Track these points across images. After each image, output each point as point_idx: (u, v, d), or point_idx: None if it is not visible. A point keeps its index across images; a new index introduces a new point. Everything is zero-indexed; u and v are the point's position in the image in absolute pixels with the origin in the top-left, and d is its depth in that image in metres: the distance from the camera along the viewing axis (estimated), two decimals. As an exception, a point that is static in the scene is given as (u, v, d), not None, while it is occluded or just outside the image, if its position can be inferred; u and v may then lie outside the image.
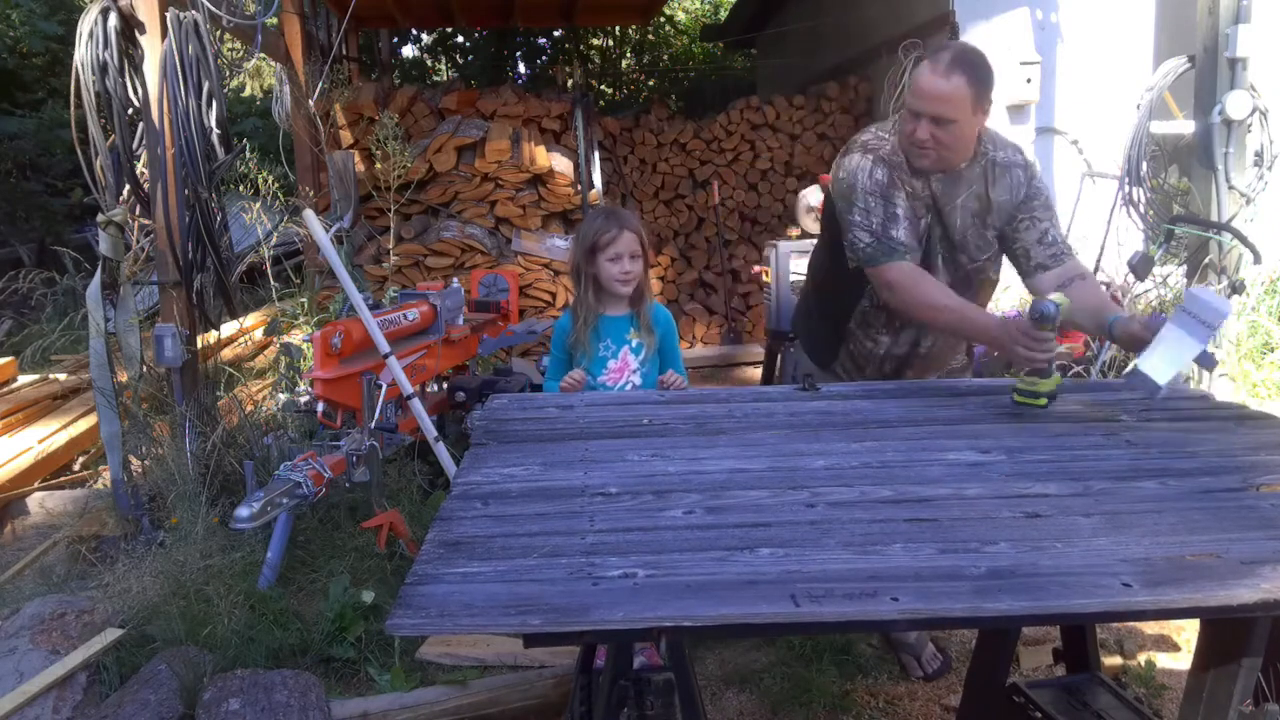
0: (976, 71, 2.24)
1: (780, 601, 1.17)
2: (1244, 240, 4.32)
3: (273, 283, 4.81)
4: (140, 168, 3.76)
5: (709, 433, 1.91)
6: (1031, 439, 1.82)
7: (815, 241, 2.89)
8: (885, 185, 2.34)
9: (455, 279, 4.38)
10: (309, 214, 3.56)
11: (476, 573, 1.28)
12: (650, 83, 14.43)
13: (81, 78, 3.50)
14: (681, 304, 7.45)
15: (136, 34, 3.61)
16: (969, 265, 2.46)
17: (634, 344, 2.56)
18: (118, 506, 3.60)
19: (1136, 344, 2.02)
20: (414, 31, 13.15)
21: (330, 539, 3.38)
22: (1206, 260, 4.48)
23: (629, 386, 2.55)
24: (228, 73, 8.39)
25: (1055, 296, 2.01)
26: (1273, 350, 4.95)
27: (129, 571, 2.98)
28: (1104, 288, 2.42)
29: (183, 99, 3.47)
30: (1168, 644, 2.79)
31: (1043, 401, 1.97)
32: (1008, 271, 2.56)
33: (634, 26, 13.74)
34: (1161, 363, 1.87)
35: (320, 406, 3.16)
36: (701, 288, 7.71)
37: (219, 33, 4.05)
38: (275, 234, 4.82)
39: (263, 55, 5.95)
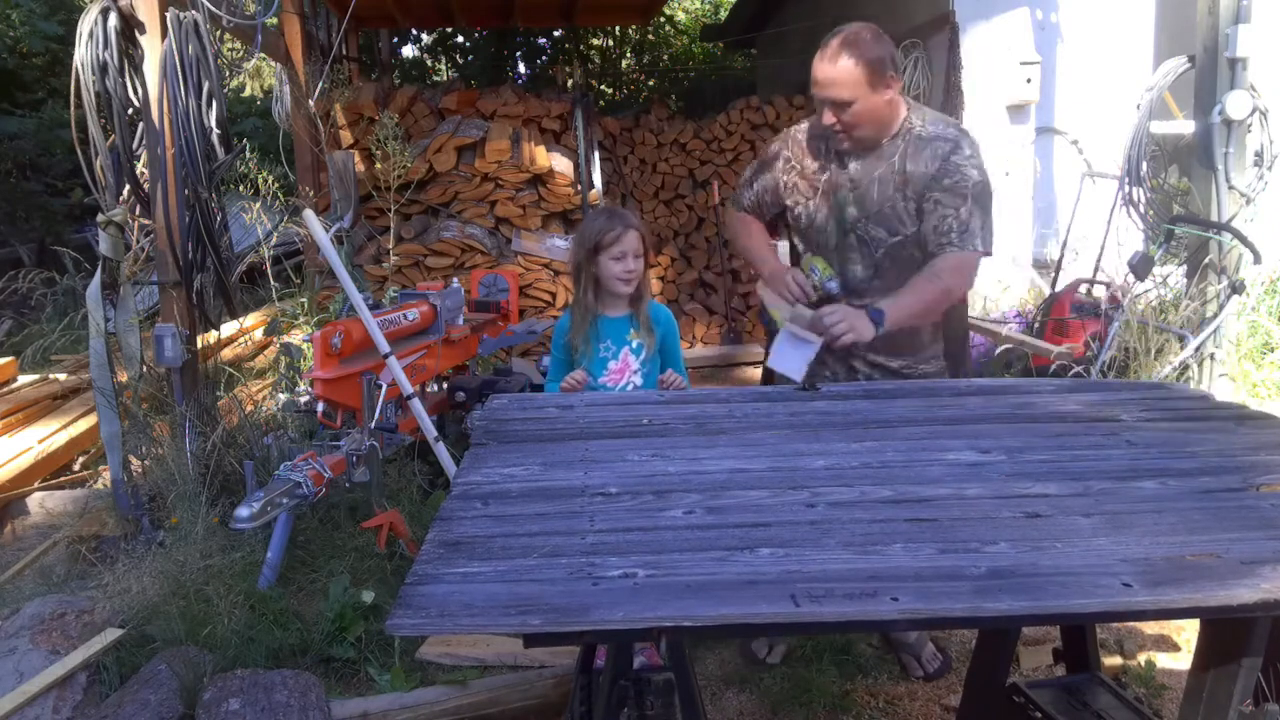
0: (864, 50, 2.30)
1: (780, 601, 1.17)
2: (1244, 240, 4.32)
3: (273, 283, 4.81)
4: (140, 168, 3.76)
5: (709, 433, 1.91)
6: (1031, 439, 1.82)
7: None
8: (768, 159, 2.64)
9: (455, 279, 4.38)
10: (309, 214, 3.56)
11: (476, 573, 1.28)
12: (650, 83, 14.42)
13: (81, 78, 3.50)
14: (681, 304, 7.45)
15: (136, 34, 3.61)
16: (888, 241, 2.44)
17: (634, 344, 2.56)
18: (118, 506, 3.60)
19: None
20: (414, 31, 13.14)
21: (330, 539, 3.38)
22: (1206, 260, 4.48)
23: (630, 387, 2.55)
24: (228, 73, 8.39)
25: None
26: (1273, 350, 4.95)
27: (129, 571, 2.98)
28: (922, 287, 2.36)
29: (183, 99, 3.47)
30: (1168, 644, 2.79)
31: (779, 326, 2.45)
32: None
33: (634, 26, 13.73)
34: (789, 361, 2.22)
35: (320, 406, 3.16)
36: (701, 288, 7.70)
37: (219, 33, 4.05)
38: (275, 234, 4.82)
39: (263, 55, 5.96)
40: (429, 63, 14.55)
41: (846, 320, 2.28)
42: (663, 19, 14.24)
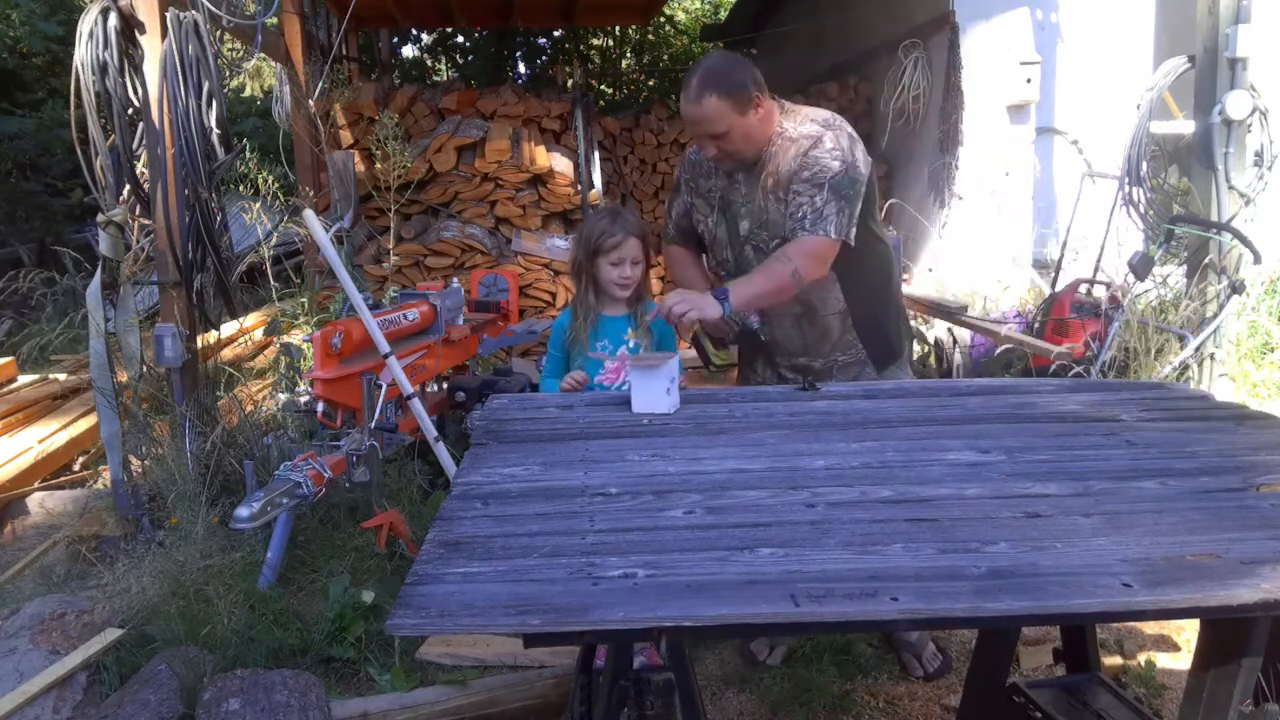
0: (722, 82, 2.36)
1: (780, 601, 1.17)
2: (1244, 240, 4.32)
3: (273, 283, 4.81)
4: (140, 168, 3.76)
5: (709, 433, 1.91)
6: (1031, 439, 1.82)
7: None
8: (676, 185, 2.73)
9: (455, 279, 4.38)
10: (309, 214, 3.56)
11: (477, 573, 1.28)
12: (650, 83, 14.43)
13: (81, 78, 3.50)
14: (681, 304, 7.43)
15: (136, 34, 3.61)
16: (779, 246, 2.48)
17: (631, 344, 2.56)
18: (118, 506, 3.60)
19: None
20: (414, 31, 13.15)
21: (330, 539, 3.38)
22: (1206, 260, 4.48)
23: (626, 387, 2.54)
24: (228, 73, 8.38)
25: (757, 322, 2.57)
26: (1273, 350, 4.96)
27: (129, 571, 2.98)
28: (769, 269, 2.41)
29: (183, 99, 3.47)
30: (1168, 644, 2.79)
31: (717, 362, 2.55)
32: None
33: (634, 26, 13.74)
34: (649, 400, 2.05)
35: (320, 406, 3.16)
36: (701, 288, 7.70)
37: (219, 33, 4.05)
38: (275, 234, 4.82)
39: (263, 55, 5.95)
40: (429, 63, 14.55)
41: (687, 300, 2.30)
42: (663, 19, 14.25)
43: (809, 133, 2.44)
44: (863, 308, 2.62)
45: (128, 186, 3.72)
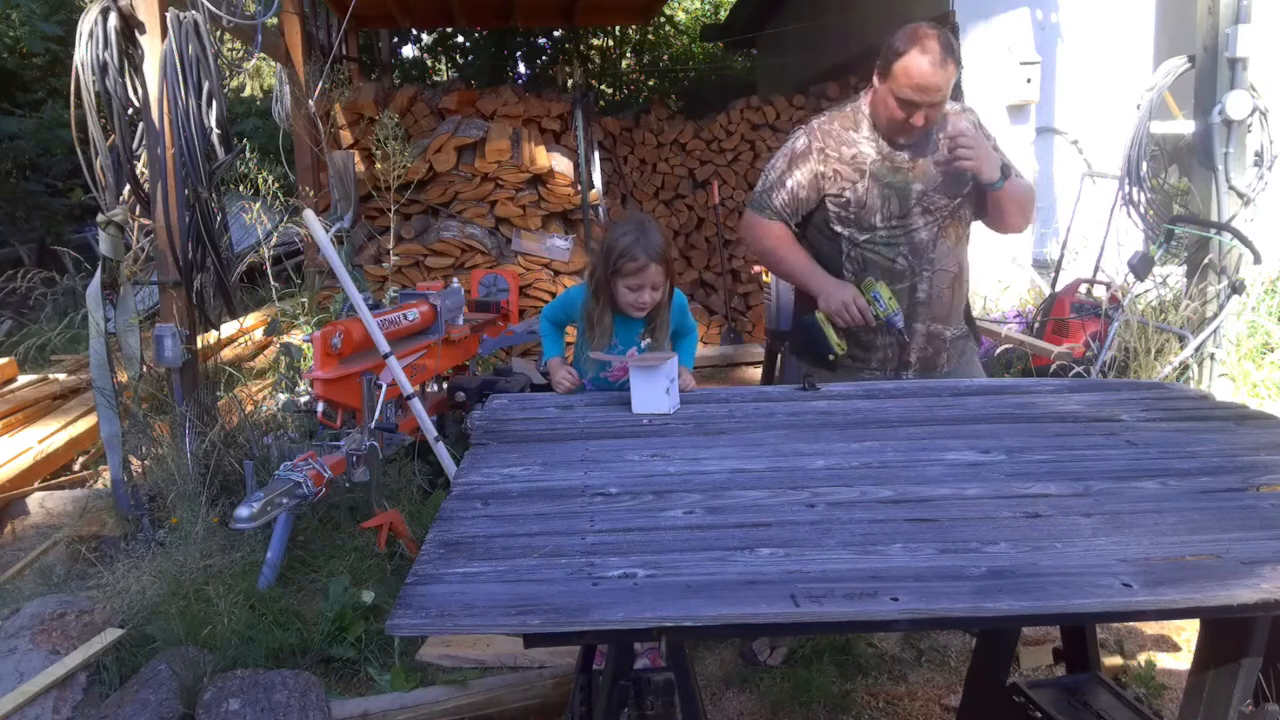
0: (956, 53, 2.42)
1: (780, 601, 1.17)
2: (1244, 240, 4.32)
3: (273, 283, 4.81)
4: (140, 168, 3.76)
5: (709, 433, 1.91)
6: (1031, 439, 1.82)
7: None
8: (797, 155, 2.58)
9: (455, 279, 4.38)
10: (309, 214, 3.56)
11: (477, 573, 1.28)
12: (650, 83, 14.44)
13: (81, 78, 3.49)
14: (682, 304, 7.44)
15: (136, 34, 3.61)
16: (952, 204, 2.53)
17: (642, 346, 2.53)
18: (118, 506, 3.59)
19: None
20: (414, 31, 13.15)
21: (330, 539, 3.38)
22: (1206, 260, 4.48)
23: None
24: (228, 73, 8.38)
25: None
26: (1273, 350, 4.95)
27: (129, 571, 2.98)
28: (1028, 191, 2.61)
29: (183, 99, 3.47)
30: (1168, 644, 2.79)
31: (839, 351, 2.47)
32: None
33: (634, 26, 13.75)
34: (650, 401, 2.06)
35: (320, 406, 3.16)
36: (701, 288, 7.70)
37: (219, 33, 4.06)
38: (275, 234, 4.82)
39: (263, 55, 5.96)
40: (429, 63, 14.56)
41: (977, 149, 2.39)
42: (663, 19, 14.25)
43: (958, 108, 2.61)
44: (968, 283, 2.71)
45: (128, 186, 3.72)
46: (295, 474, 2.96)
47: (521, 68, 14.15)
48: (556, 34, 13.62)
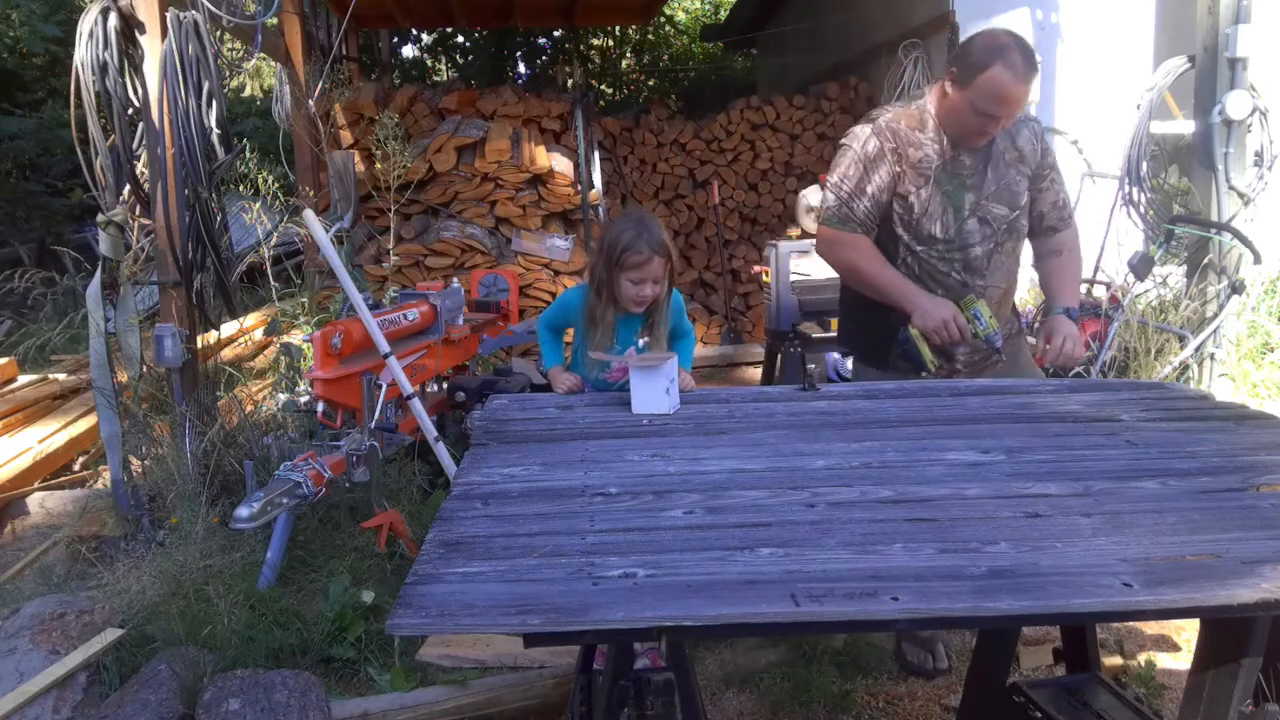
0: (1036, 63, 2.39)
1: (780, 601, 1.17)
2: (1244, 240, 4.32)
3: (273, 283, 4.81)
4: (140, 168, 3.76)
5: (709, 433, 1.91)
6: (1031, 439, 1.82)
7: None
8: (872, 157, 2.47)
9: (455, 279, 4.38)
10: (309, 214, 3.56)
11: (477, 573, 1.28)
12: (650, 83, 14.44)
13: (81, 78, 3.49)
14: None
15: (136, 34, 3.61)
16: (1009, 216, 2.51)
17: (640, 344, 2.53)
18: (118, 506, 3.59)
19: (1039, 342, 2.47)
20: (414, 31, 13.15)
21: (330, 539, 3.38)
22: (1206, 260, 4.48)
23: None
24: (228, 73, 8.38)
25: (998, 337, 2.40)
26: (1273, 350, 4.95)
27: (129, 571, 2.98)
28: (1073, 266, 2.62)
29: (183, 99, 3.47)
30: (1168, 644, 2.79)
31: (931, 368, 2.39)
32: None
33: (634, 26, 13.75)
34: (650, 401, 2.07)
35: (320, 406, 3.16)
36: (701, 288, 7.71)
37: (219, 33, 4.06)
38: (275, 234, 4.82)
39: (263, 55, 5.95)
40: (429, 63, 14.56)
41: (1071, 340, 2.40)
42: (663, 19, 14.25)
43: (1026, 114, 2.58)
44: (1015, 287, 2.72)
45: (128, 186, 3.72)
46: (295, 474, 2.96)
47: (521, 68, 14.16)
48: (556, 34, 13.63)
